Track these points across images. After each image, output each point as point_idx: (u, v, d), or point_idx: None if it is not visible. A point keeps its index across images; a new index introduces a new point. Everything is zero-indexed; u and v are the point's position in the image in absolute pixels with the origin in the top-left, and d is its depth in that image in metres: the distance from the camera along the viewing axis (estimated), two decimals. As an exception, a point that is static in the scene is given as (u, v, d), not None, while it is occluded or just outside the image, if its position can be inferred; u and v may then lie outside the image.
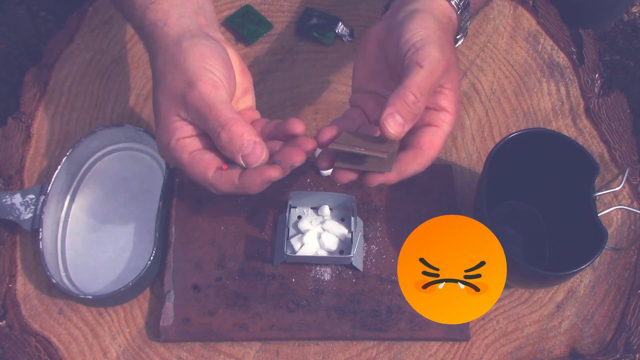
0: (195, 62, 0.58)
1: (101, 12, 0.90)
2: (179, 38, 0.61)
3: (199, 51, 0.59)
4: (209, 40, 0.61)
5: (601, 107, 0.85)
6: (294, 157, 0.57)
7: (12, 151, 0.82)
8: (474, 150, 0.83)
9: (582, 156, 0.70)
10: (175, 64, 0.59)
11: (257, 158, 0.57)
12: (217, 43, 0.62)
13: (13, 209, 0.75)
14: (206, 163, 0.58)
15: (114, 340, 0.73)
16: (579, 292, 0.76)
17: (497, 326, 0.74)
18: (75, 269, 0.76)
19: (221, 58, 0.60)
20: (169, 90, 0.59)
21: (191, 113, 0.58)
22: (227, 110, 0.57)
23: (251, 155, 0.57)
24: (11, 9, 1.35)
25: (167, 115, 0.59)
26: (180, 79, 0.58)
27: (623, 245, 0.78)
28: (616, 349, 0.73)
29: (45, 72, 0.86)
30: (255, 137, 0.57)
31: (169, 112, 0.59)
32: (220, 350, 0.72)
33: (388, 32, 0.62)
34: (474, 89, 0.87)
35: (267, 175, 0.56)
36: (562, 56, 0.88)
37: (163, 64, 0.60)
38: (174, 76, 0.59)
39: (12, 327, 0.73)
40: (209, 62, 0.59)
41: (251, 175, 0.57)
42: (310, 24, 0.89)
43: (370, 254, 0.75)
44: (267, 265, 0.74)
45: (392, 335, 0.72)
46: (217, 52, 0.60)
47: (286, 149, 0.59)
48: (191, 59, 0.59)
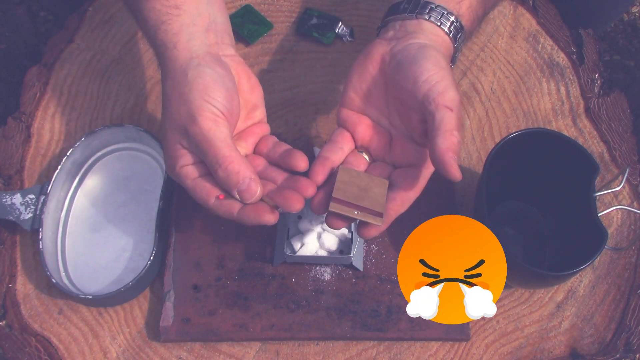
0: (198, 95, 0.60)
1: (101, 12, 0.90)
2: (186, 64, 0.62)
3: (203, 83, 0.61)
4: (215, 69, 0.63)
5: (601, 107, 0.85)
6: (293, 204, 0.60)
7: (12, 151, 0.82)
8: (474, 150, 0.83)
9: (582, 156, 0.70)
10: (179, 94, 0.61)
11: (252, 195, 0.60)
12: (222, 71, 0.63)
13: (13, 209, 0.75)
14: (208, 190, 0.61)
15: (114, 340, 0.73)
16: (579, 292, 0.76)
17: (497, 326, 0.74)
18: (75, 269, 0.76)
19: (225, 88, 0.62)
20: (174, 120, 0.61)
21: (192, 145, 0.61)
22: (225, 148, 0.60)
23: (246, 192, 0.60)
24: (11, 9, 1.35)
25: (172, 142, 0.62)
26: (184, 110, 0.61)
27: (623, 245, 0.78)
28: (616, 349, 0.73)
29: (45, 72, 0.86)
30: (250, 174, 0.60)
31: (173, 139, 0.62)
32: (220, 350, 0.73)
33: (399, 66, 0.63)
34: (474, 89, 0.87)
35: (264, 219, 0.59)
36: (562, 56, 0.88)
37: (170, 90, 0.62)
38: (179, 107, 0.61)
39: (12, 327, 0.73)
40: (212, 95, 0.61)
41: (249, 214, 0.60)
42: (310, 24, 0.89)
43: (370, 254, 0.75)
44: (267, 265, 0.74)
45: (392, 335, 0.72)
46: (221, 83, 0.62)
47: (286, 192, 0.61)
48: (195, 91, 0.61)
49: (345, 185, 0.62)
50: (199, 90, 0.61)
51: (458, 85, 0.62)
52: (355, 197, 0.61)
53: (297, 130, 0.84)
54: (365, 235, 0.62)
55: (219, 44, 0.65)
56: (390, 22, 0.67)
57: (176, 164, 0.62)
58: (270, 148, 0.66)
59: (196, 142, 0.60)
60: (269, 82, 0.87)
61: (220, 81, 0.62)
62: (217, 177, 0.60)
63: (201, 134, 0.60)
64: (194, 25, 0.64)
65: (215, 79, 0.62)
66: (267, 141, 0.67)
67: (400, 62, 0.63)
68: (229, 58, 0.65)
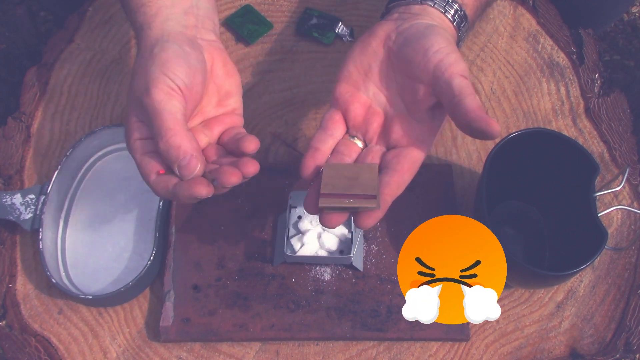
0: (156, 68, 0.60)
1: (101, 12, 0.90)
2: (155, 42, 0.62)
3: (165, 57, 0.60)
4: (182, 46, 0.62)
5: (601, 107, 0.85)
6: (229, 177, 0.58)
7: (12, 151, 0.82)
8: (474, 150, 0.83)
9: (582, 156, 0.70)
10: (142, 68, 0.61)
11: (191, 171, 0.58)
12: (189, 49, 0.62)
13: (13, 209, 0.75)
14: (151, 167, 0.60)
15: (114, 340, 0.73)
16: (579, 292, 0.76)
17: (497, 326, 0.74)
18: (75, 269, 0.76)
19: (187, 65, 0.61)
20: (133, 93, 0.61)
21: (145, 117, 0.60)
22: (170, 121, 0.58)
23: (185, 168, 0.57)
24: (11, 9, 1.35)
25: (130, 115, 0.61)
26: (142, 83, 0.60)
27: (623, 245, 0.78)
28: (616, 349, 0.73)
29: (45, 72, 0.86)
30: (193, 150, 0.58)
31: (130, 111, 0.61)
32: (220, 350, 0.73)
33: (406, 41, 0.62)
34: (474, 89, 0.87)
35: (195, 191, 0.57)
36: (562, 56, 0.88)
37: (137, 66, 0.62)
38: (139, 79, 0.60)
39: (12, 327, 0.73)
40: (171, 69, 0.60)
41: (181, 187, 0.58)
42: (310, 24, 0.89)
43: (370, 254, 0.75)
44: (267, 265, 0.74)
45: (392, 335, 0.72)
46: (184, 59, 0.61)
47: (224, 167, 0.59)
48: (154, 65, 0.60)
49: (332, 180, 0.60)
50: (159, 63, 0.60)
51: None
52: (345, 187, 0.59)
53: (297, 130, 0.84)
54: (363, 224, 0.59)
55: (198, 28, 0.65)
56: (394, 7, 0.67)
57: (131, 136, 0.61)
58: (231, 137, 0.64)
59: (147, 113, 0.59)
60: (269, 82, 0.87)
61: (184, 57, 0.61)
62: (158, 149, 0.58)
63: (151, 104, 0.58)
64: (172, 7, 0.64)
65: (178, 54, 0.61)
66: (231, 132, 0.64)
67: (407, 38, 0.63)
68: (207, 42, 0.65)
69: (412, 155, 0.62)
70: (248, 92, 0.86)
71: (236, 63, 0.87)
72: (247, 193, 0.78)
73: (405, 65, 0.62)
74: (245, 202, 0.77)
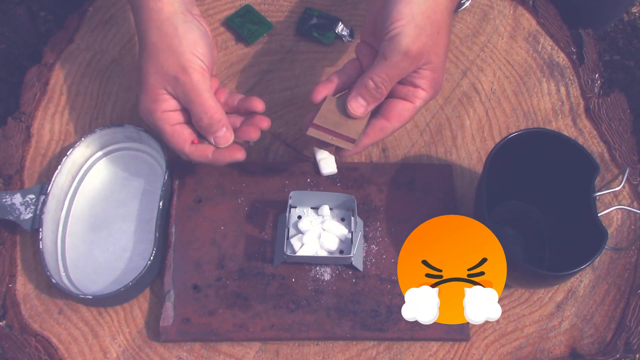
0: (187, 49, 0.69)
1: (101, 12, 0.90)
2: (173, 18, 0.69)
3: (192, 38, 0.69)
4: (200, 26, 0.71)
5: (601, 107, 0.85)
6: (251, 134, 0.71)
7: (12, 151, 0.82)
8: (474, 150, 0.83)
9: (582, 156, 0.70)
10: (169, 45, 0.69)
11: (226, 141, 0.71)
12: (205, 29, 0.72)
13: (13, 209, 0.75)
14: (185, 136, 0.71)
15: (114, 340, 0.73)
16: (579, 292, 0.76)
17: (497, 326, 0.74)
18: (75, 269, 0.76)
19: (208, 45, 0.71)
20: (162, 68, 0.69)
21: (179, 92, 0.69)
22: (210, 99, 0.69)
23: (222, 138, 0.70)
24: (11, 9, 1.35)
25: (156, 87, 0.69)
26: (175, 61, 0.68)
27: (623, 245, 0.78)
28: (616, 349, 0.73)
29: (45, 72, 0.86)
30: (227, 123, 0.70)
31: (157, 84, 0.69)
32: (220, 350, 0.73)
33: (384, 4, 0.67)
34: (474, 89, 0.87)
35: (235, 156, 0.71)
36: (562, 56, 0.88)
37: (158, 39, 0.69)
38: (168, 57, 0.69)
39: (12, 327, 0.73)
40: (199, 51, 0.69)
41: (223, 153, 0.71)
42: (310, 24, 0.89)
43: (370, 254, 0.75)
44: (267, 265, 0.74)
45: (392, 335, 0.72)
46: (206, 40, 0.71)
47: (244, 127, 0.72)
48: (184, 45, 0.69)
49: (327, 113, 0.70)
50: (189, 44, 0.69)
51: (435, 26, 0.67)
52: (334, 124, 0.70)
53: (297, 130, 0.84)
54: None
55: (191, 3, 0.73)
56: None
57: (158, 107, 0.69)
58: (227, 97, 0.75)
59: (185, 91, 0.68)
60: (269, 82, 0.87)
61: (205, 38, 0.71)
62: (199, 123, 0.70)
63: (191, 84, 0.68)
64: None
65: (201, 35, 0.70)
66: (223, 93, 0.75)
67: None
68: (199, 17, 0.73)
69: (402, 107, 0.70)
70: (248, 92, 0.86)
71: (236, 63, 0.88)
72: (247, 193, 0.78)
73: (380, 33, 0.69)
74: (245, 202, 0.77)
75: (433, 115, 0.85)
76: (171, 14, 0.69)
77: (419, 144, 0.83)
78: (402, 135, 0.84)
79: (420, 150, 0.83)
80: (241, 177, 0.79)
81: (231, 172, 0.79)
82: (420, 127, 0.84)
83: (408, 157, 0.82)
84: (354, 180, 0.79)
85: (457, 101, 0.86)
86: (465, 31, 0.90)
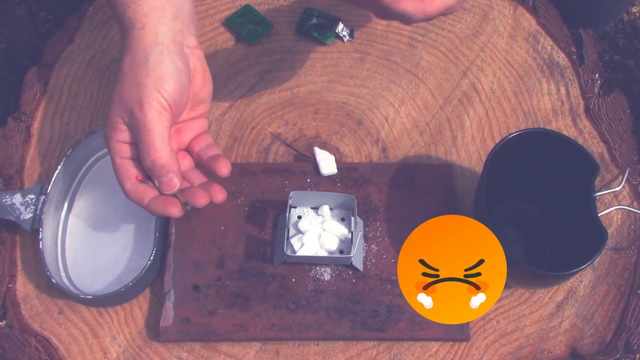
0: (151, 83, 0.63)
1: (101, 12, 0.90)
2: (150, 48, 0.64)
3: (160, 72, 0.63)
4: (175, 61, 0.65)
5: (601, 107, 0.85)
6: (199, 199, 0.65)
7: (12, 151, 0.82)
8: (474, 150, 0.83)
9: (582, 156, 0.70)
10: (135, 76, 0.64)
11: (170, 188, 0.64)
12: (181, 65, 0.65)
13: (13, 209, 0.75)
14: (130, 173, 0.65)
15: (114, 340, 0.73)
16: (579, 292, 0.76)
17: (497, 326, 0.74)
18: (75, 269, 0.76)
19: (179, 83, 0.64)
20: (124, 97, 0.64)
21: (132, 126, 0.64)
22: (158, 142, 0.63)
23: (166, 184, 0.64)
24: (11, 9, 1.35)
25: (116, 115, 0.65)
26: (135, 94, 0.63)
27: (623, 245, 0.78)
28: (616, 349, 0.73)
29: (45, 72, 0.86)
30: (175, 171, 0.64)
31: (117, 112, 0.64)
32: (220, 350, 0.73)
33: None
34: (474, 89, 0.87)
35: (169, 211, 0.63)
36: (562, 56, 0.88)
37: (128, 68, 0.64)
38: (131, 87, 0.63)
39: (12, 327, 0.73)
40: (164, 86, 0.63)
41: (156, 204, 0.64)
42: (310, 24, 0.89)
43: (370, 254, 0.75)
44: (267, 265, 0.74)
45: (392, 335, 0.72)
46: (177, 76, 0.64)
47: (195, 189, 0.66)
48: (150, 78, 0.63)
49: None
50: (155, 78, 0.63)
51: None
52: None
53: (297, 130, 0.84)
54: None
55: (184, 33, 0.67)
56: None
57: (114, 136, 0.65)
58: (202, 148, 0.70)
59: (136, 126, 0.63)
60: (269, 82, 0.87)
61: (177, 74, 0.64)
62: (144, 163, 0.64)
63: (143, 121, 0.63)
64: (164, 10, 0.66)
65: (172, 70, 0.64)
66: (202, 141, 0.70)
67: None
68: (190, 50, 0.67)
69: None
70: (248, 92, 0.86)
71: (236, 63, 0.88)
72: (247, 193, 0.78)
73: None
74: (245, 202, 0.77)
75: (433, 115, 0.85)
76: (150, 44, 0.64)
77: (419, 144, 0.83)
78: (402, 135, 0.84)
79: (420, 151, 0.83)
80: (241, 177, 0.79)
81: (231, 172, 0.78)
82: (420, 127, 0.84)
83: (408, 157, 0.82)
84: (354, 180, 0.79)
85: (457, 101, 0.86)
86: (465, 31, 0.90)
